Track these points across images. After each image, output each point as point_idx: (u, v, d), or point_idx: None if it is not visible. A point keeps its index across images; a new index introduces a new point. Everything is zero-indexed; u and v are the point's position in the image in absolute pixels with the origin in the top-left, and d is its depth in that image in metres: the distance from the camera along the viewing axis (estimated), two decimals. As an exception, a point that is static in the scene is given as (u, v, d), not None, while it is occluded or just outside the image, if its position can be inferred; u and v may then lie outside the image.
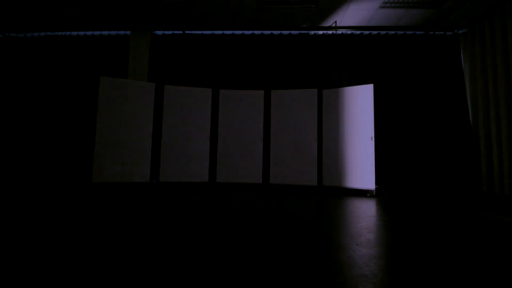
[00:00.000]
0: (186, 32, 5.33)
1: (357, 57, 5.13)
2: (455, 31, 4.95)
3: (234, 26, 5.12)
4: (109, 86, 4.54)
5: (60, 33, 5.40)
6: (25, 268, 0.96)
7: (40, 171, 5.04)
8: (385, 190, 4.70)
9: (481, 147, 4.46)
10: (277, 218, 1.89)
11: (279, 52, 5.27)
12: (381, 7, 4.36)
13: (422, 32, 5.05)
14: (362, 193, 4.31)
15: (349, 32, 5.16)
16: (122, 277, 0.91)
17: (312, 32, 5.23)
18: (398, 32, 5.07)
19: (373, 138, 4.49)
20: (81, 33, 5.38)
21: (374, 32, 5.13)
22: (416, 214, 2.16)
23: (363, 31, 5.12)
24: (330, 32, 5.19)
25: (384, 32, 5.10)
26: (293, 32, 5.25)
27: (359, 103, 4.66)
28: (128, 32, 5.32)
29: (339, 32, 5.17)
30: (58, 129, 5.14)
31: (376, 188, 4.24)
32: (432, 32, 5.03)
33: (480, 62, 4.50)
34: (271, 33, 5.27)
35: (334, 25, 5.02)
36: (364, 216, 1.99)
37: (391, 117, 4.98)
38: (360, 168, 4.56)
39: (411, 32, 5.05)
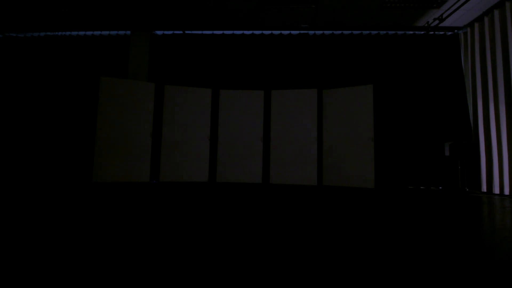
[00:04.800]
0: (186, 32, 5.34)
1: (357, 57, 5.14)
2: (455, 31, 4.95)
3: (234, 26, 5.12)
4: (109, 86, 4.55)
5: (60, 33, 5.40)
6: (25, 268, 0.97)
7: (40, 171, 5.05)
8: (384, 190, 4.69)
9: (481, 147, 4.46)
10: (280, 217, 1.89)
11: (279, 52, 5.27)
12: (382, 7, 4.37)
13: (422, 32, 5.05)
14: (362, 192, 4.31)
15: (349, 32, 5.16)
16: (122, 276, 0.91)
17: (312, 32, 5.24)
18: (398, 32, 5.07)
19: (373, 139, 4.49)
20: (81, 33, 5.39)
21: (374, 32, 5.13)
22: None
23: (363, 31, 5.12)
24: (329, 32, 5.19)
25: (384, 32, 5.10)
26: (293, 32, 5.25)
27: (359, 103, 4.67)
28: (128, 32, 5.32)
29: (339, 32, 5.17)
30: (58, 129, 5.14)
31: (375, 188, 4.24)
32: (432, 32, 5.03)
33: (480, 62, 4.50)
34: (271, 33, 5.28)
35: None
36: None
37: (391, 117, 4.98)
38: (360, 168, 4.56)
39: (411, 32, 5.06)
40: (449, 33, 5.03)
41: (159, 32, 5.36)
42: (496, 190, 4.12)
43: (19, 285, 0.81)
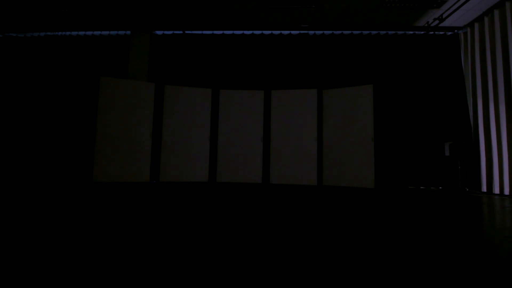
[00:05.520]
0: (186, 32, 5.34)
1: (357, 57, 5.14)
2: (455, 31, 4.95)
3: (234, 26, 5.12)
4: (109, 86, 4.55)
5: (60, 33, 5.41)
6: (25, 268, 0.97)
7: (40, 171, 5.05)
8: (384, 190, 4.69)
9: (481, 147, 4.46)
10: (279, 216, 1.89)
11: (279, 52, 5.27)
12: (382, 7, 4.37)
13: (422, 32, 5.05)
14: (362, 192, 4.31)
15: (349, 32, 5.16)
16: (122, 277, 0.91)
17: (312, 32, 5.24)
18: (398, 32, 5.07)
19: (373, 139, 4.49)
20: (81, 33, 5.39)
21: (374, 32, 5.13)
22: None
23: (363, 31, 5.12)
24: (329, 32, 5.19)
25: (384, 32, 5.10)
26: (293, 32, 5.25)
27: (359, 103, 4.67)
28: (128, 32, 5.33)
29: (339, 32, 5.17)
30: (58, 129, 5.14)
31: (375, 188, 4.24)
32: (432, 32, 5.03)
33: (480, 62, 4.50)
34: (271, 33, 5.28)
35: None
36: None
37: (391, 117, 4.98)
38: (360, 168, 4.56)
39: (411, 32, 5.06)
40: (449, 33, 5.03)
41: (159, 32, 5.36)
42: (496, 190, 4.12)
43: (19, 285, 0.81)
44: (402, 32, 5.08)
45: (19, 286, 0.80)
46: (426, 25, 4.85)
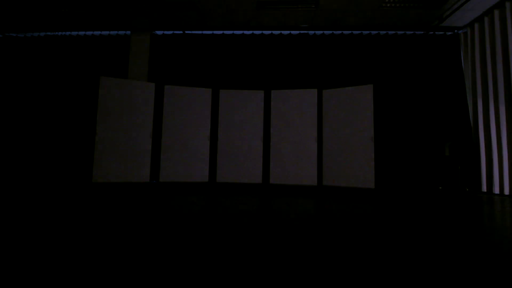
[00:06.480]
0: (186, 32, 5.33)
1: (357, 57, 5.13)
2: (455, 31, 4.95)
3: (234, 26, 5.12)
4: (109, 86, 4.54)
5: (60, 33, 5.40)
6: (25, 268, 0.97)
7: (40, 171, 5.05)
8: (384, 190, 4.69)
9: (481, 147, 4.46)
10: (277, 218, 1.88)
11: (279, 52, 5.27)
12: (382, 7, 4.37)
13: (422, 32, 5.05)
14: (362, 192, 4.30)
15: (349, 32, 5.15)
16: (122, 277, 0.91)
17: (312, 32, 5.23)
18: (398, 32, 5.07)
19: (373, 139, 4.49)
20: (81, 33, 5.39)
21: (374, 32, 5.13)
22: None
23: (363, 31, 5.12)
24: (329, 32, 5.19)
25: (384, 32, 5.10)
26: (293, 32, 5.25)
27: (359, 103, 4.66)
28: (128, 32, 5.32)
29: (339, 32, 5.17)
30: (58, 129, 5.14)
31: (375, 188, 4.23)
32: (432, 32, 5.03)
33: (480, 62, 4.50)
34: (271, 33, 5.27)
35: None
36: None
37: (391, 117, 4.98)
38: (360, 168, 4.56)
39: (411, 32, 5.05)
40: (449, 33, 5.03)
41: (159, 32, 5.36)
42: (496, 190, 4.12)
43: (19, 285, 0.81)
44: (402, 32, 5.07)
45: (19, 286, 0.80)
46: (426, 25, 4.85)
